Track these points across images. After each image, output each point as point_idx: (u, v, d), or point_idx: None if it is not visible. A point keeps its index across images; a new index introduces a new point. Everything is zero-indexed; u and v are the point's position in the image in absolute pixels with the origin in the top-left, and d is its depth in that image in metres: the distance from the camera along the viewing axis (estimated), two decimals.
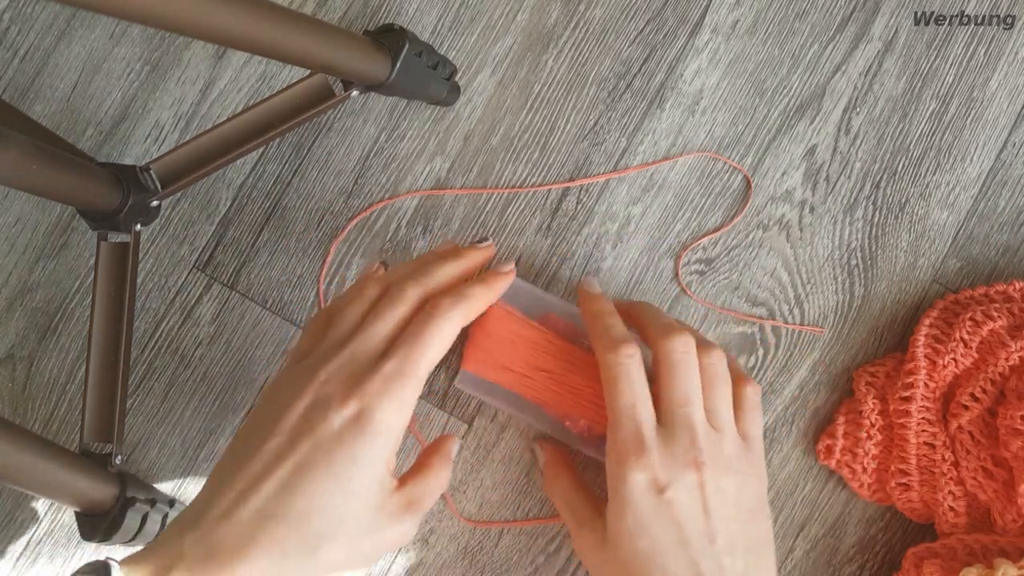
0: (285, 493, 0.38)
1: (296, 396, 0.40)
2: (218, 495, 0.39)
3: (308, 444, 0.39)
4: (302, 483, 0.38)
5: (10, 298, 0.56)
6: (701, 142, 0.55)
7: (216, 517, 0.38)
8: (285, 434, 0.40)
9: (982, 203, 0.55)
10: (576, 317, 0.53)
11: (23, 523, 0.55)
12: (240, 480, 0.39)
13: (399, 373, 0.41)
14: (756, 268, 0.55)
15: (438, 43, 0.56)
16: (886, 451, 0.52)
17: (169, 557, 0.37)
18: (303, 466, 0.39)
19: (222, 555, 0.37)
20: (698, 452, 0.44)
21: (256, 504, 0.38)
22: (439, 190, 0.56)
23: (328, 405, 0.40)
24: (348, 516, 0.39)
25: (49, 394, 0.56)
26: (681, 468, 0.44)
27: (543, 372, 0.50)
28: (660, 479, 0.43)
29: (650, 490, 0.43)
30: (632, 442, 0.44)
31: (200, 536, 0.38)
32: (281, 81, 0.57)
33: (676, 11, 0.56)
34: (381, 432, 0.40)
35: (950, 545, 0.49)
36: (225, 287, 0.56)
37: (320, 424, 0.39)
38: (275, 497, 0.38)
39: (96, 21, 0.58)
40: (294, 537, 0.38)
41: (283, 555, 0.38)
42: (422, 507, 0.43)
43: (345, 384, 0.40)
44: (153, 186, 0.50)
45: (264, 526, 0.38)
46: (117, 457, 0.50)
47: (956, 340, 0.50)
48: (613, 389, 0.45)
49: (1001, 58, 0.55)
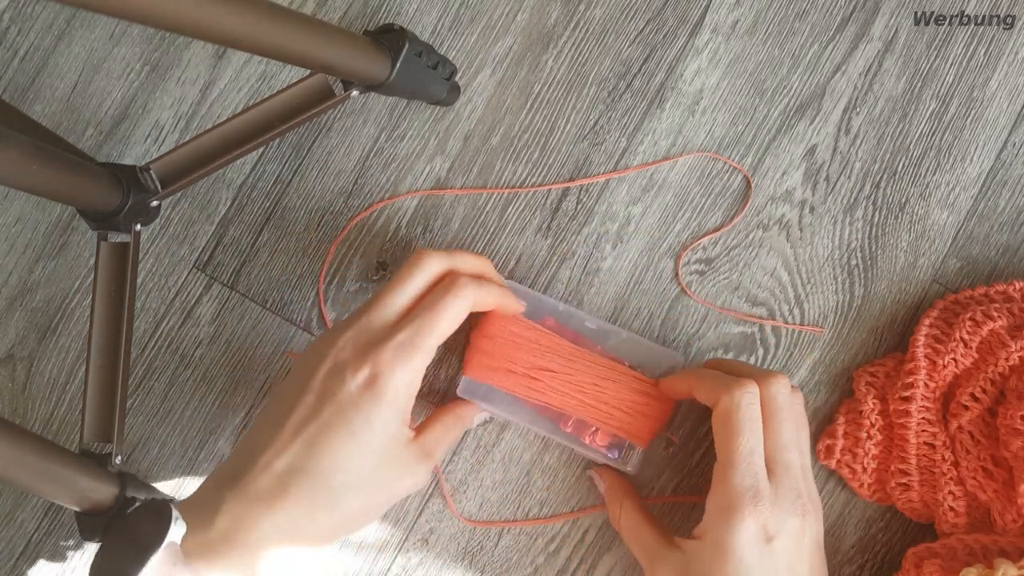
0: (312, 451, 0.43)
1: (320, 361, 0.45)
2: (255, 453, 0.44)
3: (330, 408, 0.44)
4: (326, 442, 0.43)
5: (10, 298, 0.56)
6: (701, 142, 0.55)
7: (254, 471, 0.43)
8: (311, 395, 0.44)
9: (982, 203, 0.55)
10: (574, 319, 0.53)
11: (23, 523, 0.55)
12: (275, 440, 0.44)
13: (409, 343, 0.44)
14: (756, 268, 0.55)
15: (438, 43, 0.56)
16: (886, 451, 0.51)
17: (213, 505, 0.43)
18: (326, 427, 0.43)
19: (260, 502, 0.42)
20: (804, 500, 0.45)
21: (287, 460, 0.43)
22: (439, 190, 0.56)
23: (344, 370, 0.44)
24: (366, 472, 0.44)
25: (49, 394, 0.56)
26: (788, 516, 0.44)
27: (547, 372, 0.50)
28: (770, 528, 0.43)
29: (759, 539, 0.43)
30: (749, 490, 0.44)
31: (240, 488, 0.43)
32: (281, 81, 0.57)
33: (676, 11, 0.56)
34: (392, 397, 0.44)
35: (950, 545, 0.49)
36: (225, 287, 0.56)
37: (339, 389, 0.44)
38: (302, 454, 0.43)
39: (96, 21, 0.58)
40: (320, 490, 0.43)
41: (311, 505, 0.43)
42: (433, 458, 0.47)
43: (359, 351, 0.44)
44: (153, 186, 0.50)
45: (295, 478, 0.43)
46: (117, 457, 0.50)
47: (956, 340, 0.50)
48: (735, 433, 0.45)
49: (1001, 58, 0.55)
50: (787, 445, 0.45)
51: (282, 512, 0.43)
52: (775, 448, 0.45)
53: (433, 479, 0.54)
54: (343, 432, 0.43)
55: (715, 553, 0.44)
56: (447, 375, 0.55)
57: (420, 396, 0.54)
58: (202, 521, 0.42)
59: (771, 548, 0.43)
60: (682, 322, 0.54)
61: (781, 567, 0.43)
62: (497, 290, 0.49)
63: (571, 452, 0.54)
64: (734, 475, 0.44)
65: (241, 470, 0.44)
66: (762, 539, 0.43)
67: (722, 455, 0.45)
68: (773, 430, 0.46)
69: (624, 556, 0.53)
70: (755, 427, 0.45)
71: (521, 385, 0.50)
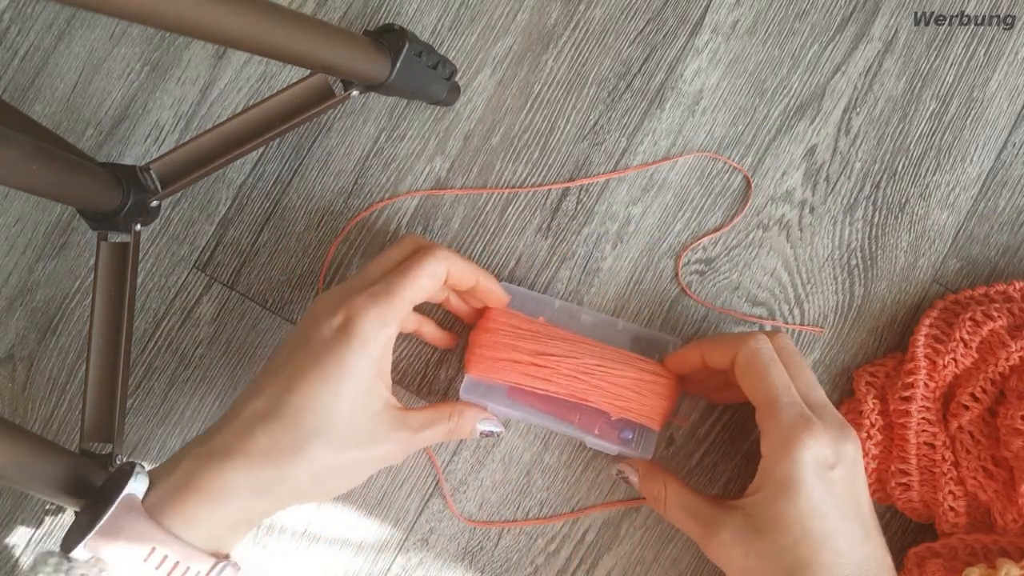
0: (283, 393, 0.43)
1: (303, 316, 0.46)
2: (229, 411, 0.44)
3: (303, 351, 0.44)
4: (297, 384, 0.43)
5: (10, 298, 0.56)
6: (701, 142, 0.55)
7: (224, 419, 0.44)
8: (286, 346, 0.45)
9: (982, 203, 0.55)
10: (570, 316, 0.53)
11: (23, 523, 0.55)
12: (247, 393, 0.44)
13: (384, 291, 0.45)
14: (756, 268, 0.55)
15: (438, 43, 0.56)
16: (886, 451, 0.51)
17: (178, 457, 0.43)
18: (298, 369, 0.43)
19: (222, 449, 0.42)
20: (845, 425, 0.45)
21: (256, 405, 0.43)
22: (439, 190, 0.56)
23: (319, 317, 0.45)
24: (337, 418, 0.43)
25: (49, 394, 0.56)
26: (841, 443, 0.44)
27: (551, 356, 0.49)
28: (829, 457, 0.43)
29: (821, 467, 0.43)
30: (800, 419, 0.44)
31: (206, 439, 0.43)
32: (281, 81, 0.57)
33: (676, 11, 0.56)
34: (365, 340, 0.44)
35: (951, 545, 0.49)
36: (225, 287, 0.56)
37: (313, 333, 0.44)
38: (274, 398, 0.43)
39: (96, 21, 0.58)
40: (288, 433, 0.42)
41: (274, 450, 0.42)
42: (414, 433, 0.47)
43: (335, 302, 0.45)
44: (153, 186, 0.50)
45: (261, 423, 0.42)
46: (117, 457, 0.50)
47: (956, 340, 0.50)
48: (765, 373, 0.45)
49: (1001, 58, 0.55)
50: (815, 384, 0.46)
51: (243, 456, 0.42)
52: (805, 388, 0.46)
53: (433, 478, 0.54)
54: (314, 374, 0.43)
55: (779, 492, 0.43)
56: (447, 375, 0.55)
57: (420, 395, 0.54)
58: (164, 471, 0.42)
59: (832, 476, 0.43)
60: (682, 322, 0.54)
61: (845, 495, 0.43)
62: (476, 267, 0.49)
63: (571, 452, 0.54)
64: (780, 410, 0.44)
65: (213, 427, 0.44)
66: (824, 467, 0.43)
67: (760, 398, 0.45)
68: (796, 374, 0.46)
69: (624, 556, 0.53)
70: (780, 366, 0.46)
71: (526, 374, 0.49)
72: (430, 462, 0.54)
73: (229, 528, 0.42)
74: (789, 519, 0.43)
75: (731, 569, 0.45)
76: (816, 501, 0.43)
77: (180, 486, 0.41)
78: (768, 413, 0.45)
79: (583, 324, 0.53)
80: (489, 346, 0.50)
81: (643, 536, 0.53)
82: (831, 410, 0.45)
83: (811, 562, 0.42)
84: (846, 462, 0.44)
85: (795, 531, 0.43)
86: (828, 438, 0.43)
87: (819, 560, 0.42)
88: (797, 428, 0.43)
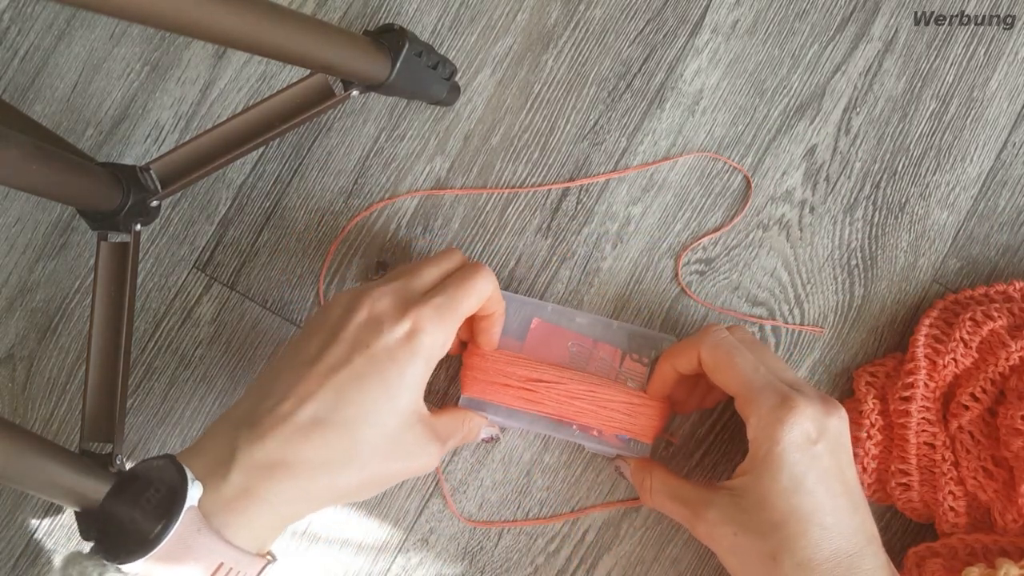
0: (339, 400, 0.42)
1: (352, 311, 0.44)
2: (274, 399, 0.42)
3: (363, 357, 0.42)
4: (356, 393, 0.42)
5: (10, 298, 0.56)
6: (701, 142, 0.55)
7: (272, 419, 0.41)
8: (342, 344, 0.43)
9: (982, 203, 0.55)
10: (564, 317, 0.53)
11: (23, 523, 0.55)
12: (296, 387, 0.42)
13: (446, 306, 0.44)
14: (756, 268, 0.55)
15: (438, 43, 0.56)
16: (886, 451, 0.51)
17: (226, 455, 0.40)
18: (358, 377, 0.42)
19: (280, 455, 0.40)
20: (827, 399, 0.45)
21: (312, 409, 0.41)
22: (439, 190, 0.56)
23: (382, 321, 0.43)
24: (391, 429, 0.43)
25: (49, 394, 0.56)
26: (824, 417, 0.44)
27: (541, 383, 0.50)
28: (811, 431, 0.43)
29: (805, 444, 0.43)
30: (779, 396, 0.44)
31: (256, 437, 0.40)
32: (281, 81, 0.57)
33: (676, 11, 0.56)
34: (427, 354, 0.43)
35: (951, 545, 0.49)
36: (225, 287, 0.56)
37: (375, 339, 0.42)
38: (329, 404, 0.41)
39: (96, 21, 0.58)
40: (343, 441, 0.41)
41: (329, 459, 0.41)
42: (444, 443, 0.46)
43: (398, 306, 0.44)
44: (153, 186, 0.50)
45: (319, 429, 0.41)
46: (117, 457, 0.50)
47: (956, 340, 0.50)
48: (733, 360, 0.45)
49: (1001, 58, 0.55)
50: (783, 367, 0.46)
51: (300, 466, 0.41)
52: (777, 370, 0.46)
53: (433, 478, 0.54)
54: (375, 383, 0.42)
55: (764, 471, 0.43)
56: (447, 375, 0.55)
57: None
58: (214, 473, 0.40)
59: (816, 451, 0.43)
60: (682, 322, 0.54)
61: (831, 469, 0.43)
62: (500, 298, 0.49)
63: (571, 452, 0.54)
64: (757, 393, 0.44)
65: (256, 417, 0.41)
66: (807, 443, 0.43)
67: (733, 386, 0.45)
68: (763, 360, 0.46)
69: (624, 556, 0.53)
70: (744, 351, 0.46)
71: (518, 398, 0.50)
72: None
73: (275, 529, 0.42)
74: (775, 496, 0.43)
75: (721, 549, 0.46)
76: (801, 478, 0.43)
77: (238, 496, 0.40)
78: (746, 399, 0.45)
79: (578, 324, 0.53)
80: (482, 369, 0.51)
81: (643, 536, 0.53)
82: (809, 387, 0.46)
83: (799, 537, 0.42)
84: (830, 436, 0.44)
85: (782, 508, 0.43)
86: (810, 412, 0.43)
87: (807, 535, 0.42)
88: (776, 408, 0.43)
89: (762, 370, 0.45)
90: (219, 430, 0.42)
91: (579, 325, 0.53)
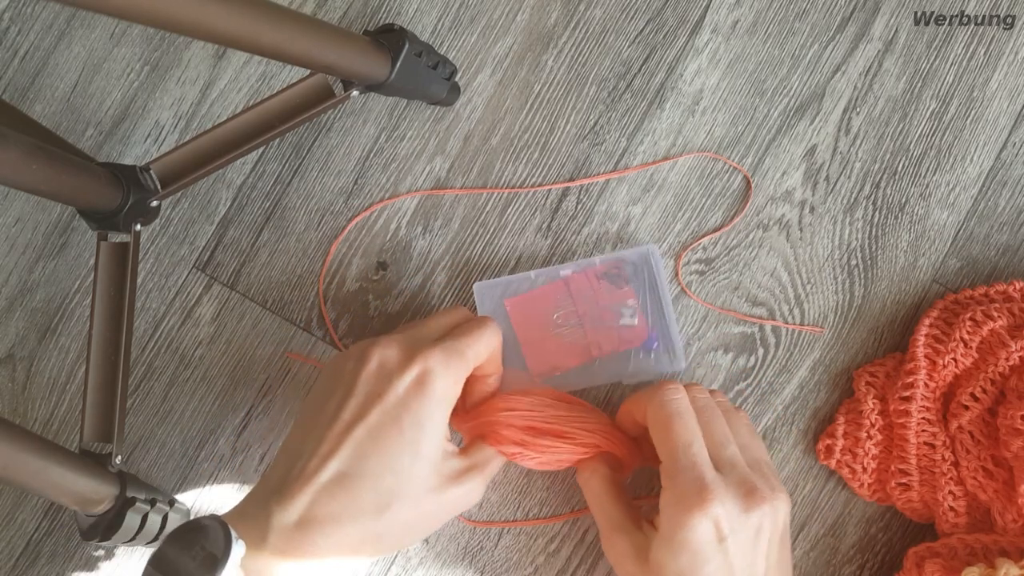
0: (360, 455, 0.43)
1: (362, 363, 0.45)
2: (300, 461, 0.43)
3: (378, 410, 0.43)
4: (375, 446, 0.43)
5: (10, 298, 0.56)
6: (701, 142, 0.55)
7: (300, 482, 0.42)
8: (357, 397, 0.44)
9: (982, 203, 0.55)
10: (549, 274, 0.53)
11: (23, 523, 0.55)
12: (320, 447, 0.43)
13: (454, 348, 0.45)
14: (756, 268, 0.55)
15: (438, 43, 0.56)
16: (886, 451, 0.51)
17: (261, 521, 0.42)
18: (375, 429, 0.43)
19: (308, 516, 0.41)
20: (759, 494, 0.43)
21: (335, 466, 0.42)
22: (439, 190, 0.56)
23: (392, 370, 0.44)
24: (416, 476, 0.43)
25: (49, 394, 0.56)
26: (740, 514, 0.43)
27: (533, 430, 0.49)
28: (723, 528, 0.42)
29: (712, 539, 0.42)
30: (695, 485, 0.43)
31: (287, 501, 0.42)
32: (281, 81, 0.57)
33: (676, 11, 0.56)
34: (440, 397, 0.44)
35: (951, 545, 0.49)
36: (225, 287, 0.56)
37: (386, 390, 0.43)
38: (351, 459, 0.42)
39: (96, 21, 0.58)
40: (370, 495, 0.42)
41: (358, 511, 0.42)
42: (483, 470, 0.47)
43: (406, 352, 0.44)
44: (153, 186, 0.50)
45: (343, 485, 0.42)
46: (117, 457, 0.50)
47: (956, 340, 0.50)
48: (667, 427, 0.45)
49: (1001, 58, 0.55)
50: (722, 442, 0.45)
51: (330, 522, 0.42)
52: (711, 446, 0.45)
53: None
54: (392, 433, 0.43)
55: (669, 547, 0.43)
56: None
57: None
58: (252, 539, 0.41)
59: (725, 547, 0.42)
60: (682, 322, 0.54)
61: (737, 567, 0.42)
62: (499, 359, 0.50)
63: None
64: (677, 473, 0.43)
65: (286, 481, 0.43)
66: (715, 539, 0.42)
67: (662, 455, 0.45)
68: (708, 429, 0.45)
69: None
70: (687, 420, 0.45)
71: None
72: None
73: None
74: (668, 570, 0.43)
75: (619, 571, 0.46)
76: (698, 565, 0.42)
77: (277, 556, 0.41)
78: (666, 472, 0.44)
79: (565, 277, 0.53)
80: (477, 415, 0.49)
81: None
82: (739, 472, 0.44)
83: None
84: (742, 534, 0.43)
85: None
86: (725, 508, 0.42)
87: None
88: (687, 496, 0.42)
89: (694, 448, 0.44)
90: (257, 495, 0.44)
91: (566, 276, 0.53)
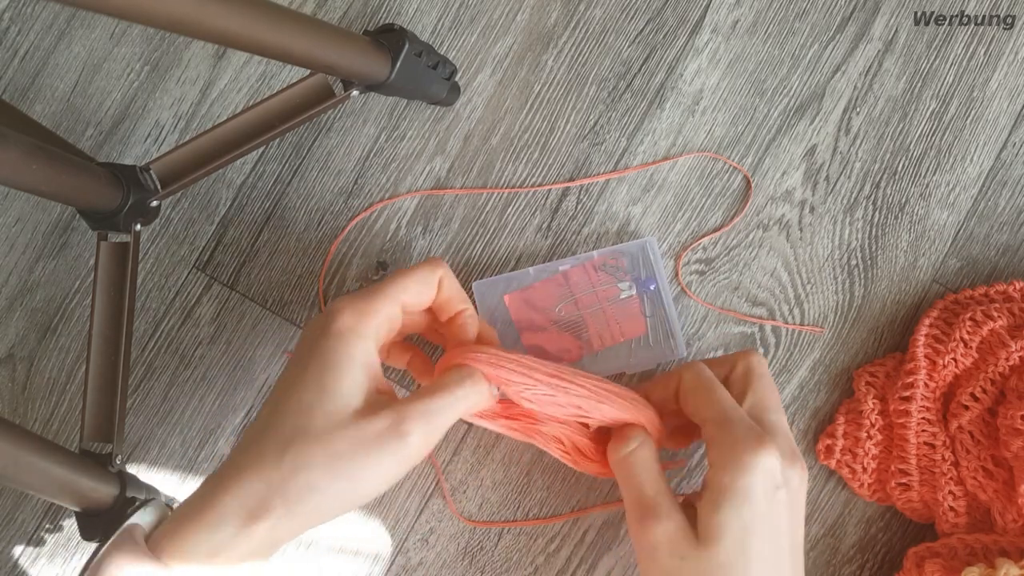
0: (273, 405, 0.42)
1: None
2: None
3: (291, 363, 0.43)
4: (283, 392, 0.42)
5: (10, 298, 0.56)
6: (701, 142, 0.55)
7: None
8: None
9: (982, 203, 0.55)
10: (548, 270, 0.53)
11: (23, 523, 0.55)
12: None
13: (367, 291, 0.44)
14: (756, 268, 0.55)
15: (438, 43, 0.56)
16: (886, 451, 0.51)
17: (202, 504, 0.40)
18: (283, 379, 0.43)
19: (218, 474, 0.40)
20: (796, 453, 0.44)
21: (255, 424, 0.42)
22: (439, 190, 0.56)
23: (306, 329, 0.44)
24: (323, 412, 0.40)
25: (49, 394, 0.56)
26: (790, 467, 0.43)
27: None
28: (776, 477, 0.42)
29: (769, 485, 0.42)
30: (752, 431, 0.43)
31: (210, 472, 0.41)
32: (281, 81, 0.57)
33: (676, 11, 0.56)
34: (343, 333, 0.42)
35: (951, 545, 0.49)
36: (225, 287, 0.56)
37: (299, 345, 0.43)
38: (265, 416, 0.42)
39: (96, 21, 0.58)
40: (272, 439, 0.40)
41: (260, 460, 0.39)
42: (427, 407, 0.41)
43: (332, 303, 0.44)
44: (153, 186, 0.50)
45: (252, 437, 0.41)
46: (117, 457, 0.50)
47: (956, 340, 0.50)
48: (710, 390, 0.45)
49: (1001, 58, 0.55)
50: (775, 407, 0.46)
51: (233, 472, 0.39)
52: (765, 409, 0.45)
53: (433, 478, 0.54)
54: (295, 374, 0.42)
55: (724, 500, 0.42)
56: None
57: None
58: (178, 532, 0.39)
59: (778, 497, 0.42)
60: (682, 322, 0.54)
61: (783, 519, 0.43)
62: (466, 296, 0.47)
63: None
64: (733, 422, 0.44)
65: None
66: (771, 486, 0.42)
67: (708, 413, 0.45)
68: (761, 393, 0.46)
69: (624, 556, 0.53)
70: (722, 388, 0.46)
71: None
72: (430, 462, 0.54)
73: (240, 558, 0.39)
74: (731, 531, 0.41)
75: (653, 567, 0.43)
76: (760, 518, 0.42)
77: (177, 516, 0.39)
78: (718, 426, 0.44)
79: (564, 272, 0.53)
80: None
81: None
82: (786, 436, 0.45)
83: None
84: (792, 488, 0.43)
85: (732, 548, 0.41)
86: (780, 456, 0.43)
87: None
88: (749, 439, 0.43)
89: (740, 409, 0.45)
90: None
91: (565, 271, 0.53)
